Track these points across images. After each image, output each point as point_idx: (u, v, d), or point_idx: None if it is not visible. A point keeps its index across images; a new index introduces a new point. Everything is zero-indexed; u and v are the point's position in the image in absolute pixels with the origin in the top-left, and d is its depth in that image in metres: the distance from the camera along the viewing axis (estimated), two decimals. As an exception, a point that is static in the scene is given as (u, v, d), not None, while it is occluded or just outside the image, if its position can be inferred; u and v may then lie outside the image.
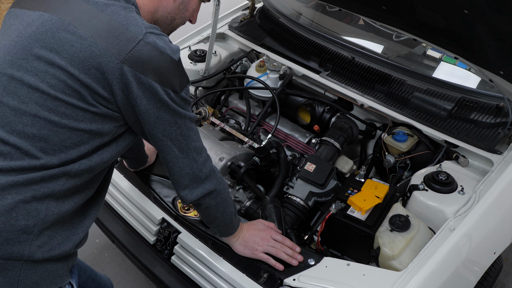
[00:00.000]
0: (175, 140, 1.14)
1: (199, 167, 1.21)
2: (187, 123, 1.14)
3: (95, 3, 1.05)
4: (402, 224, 1.43)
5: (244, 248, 1.46)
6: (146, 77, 1.02)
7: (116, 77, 1.01)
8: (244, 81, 2.18)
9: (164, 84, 1.05)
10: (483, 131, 1.74)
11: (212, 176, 1.26)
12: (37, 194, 1.04)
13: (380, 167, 2.01)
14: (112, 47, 1.00)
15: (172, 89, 1.07)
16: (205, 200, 1.27)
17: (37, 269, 1.08)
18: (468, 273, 1.51)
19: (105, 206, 1.89)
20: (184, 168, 1.19)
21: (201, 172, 1.22)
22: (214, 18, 2.04)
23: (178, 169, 1.19)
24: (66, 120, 1.03)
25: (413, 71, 1.99)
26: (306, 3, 2.64)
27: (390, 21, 1.83)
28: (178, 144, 1.15)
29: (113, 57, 1.00)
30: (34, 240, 1.05)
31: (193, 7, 1.29)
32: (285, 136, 2.03)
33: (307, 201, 1.73)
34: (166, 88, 1.06)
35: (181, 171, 1.20)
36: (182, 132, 1.14)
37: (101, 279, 1.59)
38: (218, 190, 1.28)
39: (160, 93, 1.05)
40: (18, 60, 1.02)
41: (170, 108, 1.08)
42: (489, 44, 1.51)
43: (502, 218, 1.56)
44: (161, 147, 1.15)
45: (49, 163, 1.04)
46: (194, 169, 1.20)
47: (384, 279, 1.32)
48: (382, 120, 2.02)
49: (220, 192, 1.29)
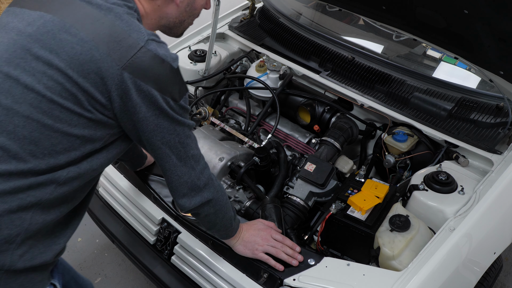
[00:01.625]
0: (173, 148, 1.13)
1: (197, 176, 1.20)
2: (185, 131, 1.14)
3: (98, 6, 1.03)
4: (402, 224, 1.43)
5: (245, 248, 1.46)
6: (146, 84, 1.01)
7: (115, 83, 0.99)
8: (244, 81, 2.18)
9: (164, 92, 1.04)
10: (483, 131, 1.74)
11: (210, 185, 1.25)
12: (23, 203, 1.01)
13: (380, 167, 2.00)
14: (113, 52, 0.98)
15: (171, 97, 1.06)
16: (203, 208, 1.26)
17: (17, 278, 1.05)
18: (468, 273, 1.51)
19: (105, 206, 1.89)
20: (182, 177, 1.18)
21: (199, 181, 1.21)
22: (214, 18, 2.04)
23: (177, 177, 1.18)
24: (59, 124, 1.01)
25: (413, 71, 1.99)
26: (306, 3, 2.64)
27: (390, 21, 1.83)
28: (177, 152, 1.14)
29: (113, 63, 0.98)
30: (16, 250, 1.02)
31: (201, 2, 1.27)
32: (285, 136, 2.03)
33: (307, 201, 1.73)
34: (165, 96, 1.05)
35: (180, 180, 1.18)
36: (180, 140, 1.13)
37: (83, 281, 1.56)
38: (216, 198, 1.27)
39: (160, 101, 1.04)
40: (16, 59, 1.00)
41: (169, 116, 1.07)
42: (489, 44, 1.51)
43: (502, 218, 1.56)
44: (160, 155, 1.14)
45: (36, 167, 1.01)
46: (193, 177, 1.19)
47: (384, 279, 1.32)
48: (382, 120, 2.02)
49: (218, 200, 1.28)
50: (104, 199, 1.88)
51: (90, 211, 1.93)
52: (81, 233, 2.67)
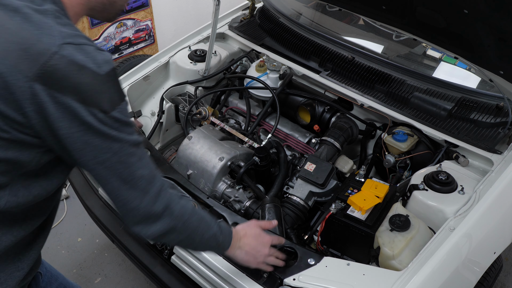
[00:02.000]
0: (112, 169, 0.96)
1: (151, 200, 1.01)
2: (125, 149, 0.96)
3: (3, 6, 0.89)
4: (402, 224, 1.43)
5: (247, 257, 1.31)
6: (64, 95, 0.86)
7: (27, 97, 0.85)
8: (244, 81, 2.18)
9: (88, 103, 0.88)
10: (483, 131, 1.74)
11: (171, 209, 1.06)
12: None
13: (380, 167, 2.00)
14: (20, 63, 0.85)
15: (99, 109, 0.90)
16: (169, 237, 1.08)
17: None
18: (468, 273, 1.51)
19: (105, 206, 1.89)
20: (130, 202, 1.00)
21: (154, 206, 1.02)
22: (214, 18, 2.04)
23: (122, 202, 1.00)
24: None
25: (413, 71, 1.99)
26: (306, 3, 2.64)
27: (390, 21, 1.83)
28: (118, 174, 0.97)
29: (21, 75, 0.84)
30: None
31: None
32: (285, 136, 2.03)
33: (307, 201, 1.73)
34: (90, 108, 0.89)
35: (127, 206, 1.01)
36: (120, 159, 0.95)
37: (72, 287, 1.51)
38: (183, 223, 1.09)
39: (83, 114, 0.88)
40: None
41: (98, 131, 0.91)
42: (489, 44, 1.51)
43: (502, 218, 1.56)
44: (97, 177, 0.98)
45: None
46: (145, 203, 1.01)
47: (384, 279, 1.32)
48: (382, 120, 2.02)
49: (186, 224, 1.09)
50: (104, 199, 1.88)
51: (90, 211, 1.93)
52: (81, 233, 2.67)
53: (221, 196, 1.80)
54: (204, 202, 1.66)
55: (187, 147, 1.86)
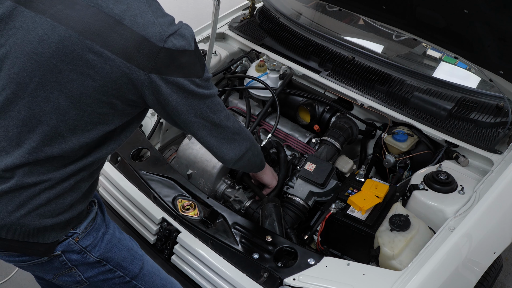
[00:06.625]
0: (206, 118, 1.21)
1: (231, 130, 1.31)
2: (213, 99, 1.21)
3: (109, 10, 1.03)
4: (402, 224, 1.43)
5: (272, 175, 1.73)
6: (172, 76, 1.08)
7: (145, 85, 1.07)
8: (244, 81, 2.18)
9: (189, 75, 1.11)
10: (483, 131, 1.74)
11: (244, 133, 1.37)
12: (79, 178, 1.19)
13: (380, 167, 2.01)
14: (137, 61, 1.04)
15: (196, 76, 1.13)
16: (247, 154, 1.39)
17: None
18: (468, 273, 1.51)
19: (105, 206, 1.89)
20: (220, 135, 1.28)
21: (234, 134, 1.32)
22: (214, 18, 2.04)
23: (214, 138, 1.27)
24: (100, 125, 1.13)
25: (413, 71, 1.99)
26: (306, 3, 2.64)
27: (390, 20, 1.83)
28: (211, 120, 1.23)
29: (140, 71, 1.05)
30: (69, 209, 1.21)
31: None
32: (285, 136, 2.03)
33: (307, 200, 1.73)
34: (191, 78, 1.12)
35: (218, 140, 1.28)
36: (211, 109, 1.21)
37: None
38: (252, 144, 1.40)
39: (187, 85, 1.11)
40: (50, 82, 1.05)
41: (197, 94, 1.15)
42: (489, 44, 1.51)
43: (502, 217, 1.56)
44: (195, 128, 1.22)
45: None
46: (228, 133, 1.30)
47: (384, 279, 1.32)
48: (382, 120, 2.02)
49: (254, 144, 1.42)
50: (104, 199, 1.88)
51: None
52: (81, 233, 2.66)
53: (221, 196, 1.81)
54: (204, 202, 1.66)
55: (187, 147, 1.86)
